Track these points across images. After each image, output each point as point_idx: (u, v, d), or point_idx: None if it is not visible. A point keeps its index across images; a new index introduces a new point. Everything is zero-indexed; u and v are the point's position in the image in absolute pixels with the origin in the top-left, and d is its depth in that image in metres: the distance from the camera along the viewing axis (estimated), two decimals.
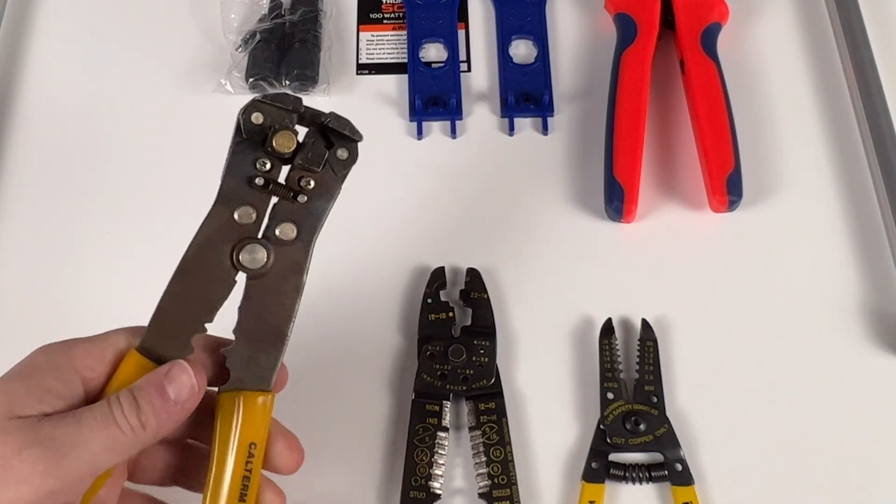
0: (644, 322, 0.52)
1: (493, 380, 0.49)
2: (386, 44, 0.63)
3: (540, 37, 0.62)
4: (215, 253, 0.39)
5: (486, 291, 0.52)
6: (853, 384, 0.51)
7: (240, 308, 0.39)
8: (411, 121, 0.59)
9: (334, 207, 0.41)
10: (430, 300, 0.52)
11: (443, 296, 0.52)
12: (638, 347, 0.51)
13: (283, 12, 0.62)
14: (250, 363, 0.39)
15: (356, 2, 0.64)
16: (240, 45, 0.61)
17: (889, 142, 0.56)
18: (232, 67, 0.60)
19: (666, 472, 0.48)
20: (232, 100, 0.60)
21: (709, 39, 0.58)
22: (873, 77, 0.58)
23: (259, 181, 0.39)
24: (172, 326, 0.38)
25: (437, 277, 0.53)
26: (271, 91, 0.59)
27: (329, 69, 0.61)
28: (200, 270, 0.39)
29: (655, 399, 0.49)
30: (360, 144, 0.41)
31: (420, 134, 0.59)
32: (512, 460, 0.47)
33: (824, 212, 0.56)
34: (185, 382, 0.36)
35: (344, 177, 0.41)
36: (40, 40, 0.63)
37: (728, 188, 0.54)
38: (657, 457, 0.48)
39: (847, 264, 0.54)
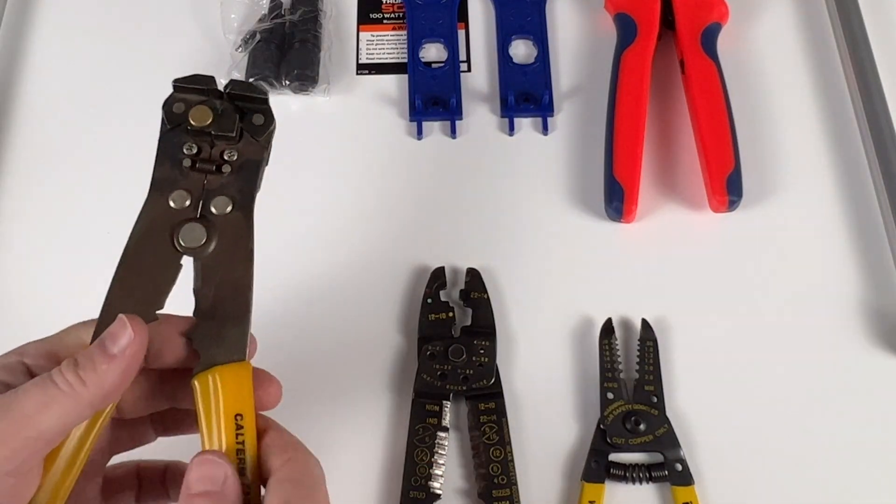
0: (644, 322, 0.52)
1: (492, 380, 0.49)
2: (386, 44, 0.63)
3: (540, 37, 0.62)
4: (156, 239, 0.39)
5: (486, 291, 0.52)
6: (853, 384, 0.51)
7: (195, 290, 0.39)
8: (411, 121, 0.59)
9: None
10: (430, 300, 0.52)
11: (443, 296, 0.52)
12: (638, 347, 0.51)
13: (283, 12, 0.62)
14: (218, 339, 0.38)
15: (356, 2, 0.64)
16: (240, 45, 0.60)
17: (889, 142, 0.56)
18: (232, 67, 0.60)
19: (666, 472, 0.48)
20: None
21: (709, 39, 0.58)
22: (873, 77, 0.58)
23: (187, 163, 0.40)
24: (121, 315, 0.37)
25: (437, 277, 0.53)
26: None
27: (329, 69, 0.61)
28: (143, 258, 0.39)
29: (655, 399, 0.49)
30: (278, 110, 0.42)
31: (420, 134, 0.59)
32: (512, 460, 0.47)
33: (824, 212, 0.56)
34: (119, 332, 0.35)
35: (267, 141, 0.42)
36: (40, 40, 0.63)
37: (728, 188, 0.54)
38: (657, 457, 0.48)
39: (847, 264, 0.54)
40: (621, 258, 0.55)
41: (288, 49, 0.60)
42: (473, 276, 0.53)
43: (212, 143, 0.41)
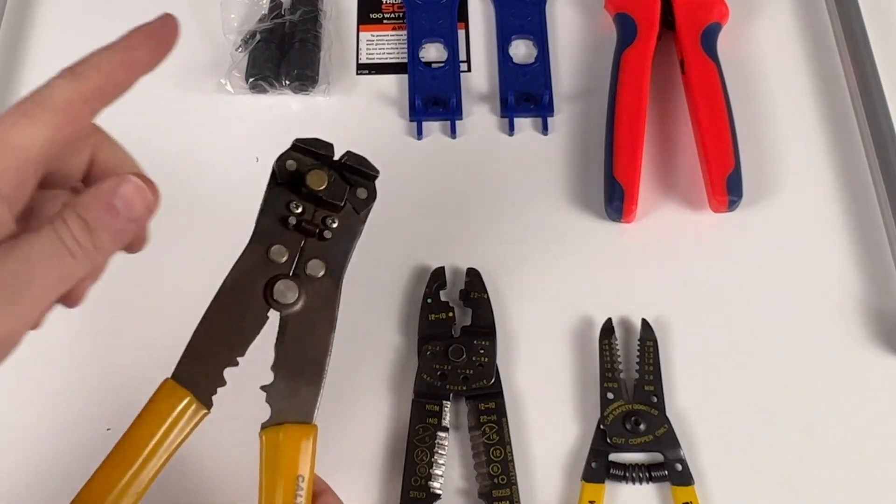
0: (644, 322, 0.52)
1: (493, 380, 0.49)
2: (386, 44, 0.63)
3: (540, 37, 0.62)
4: (249, 288, 0.40)
5: (486, 291, 0.52)
6: (853, 384, 0.51)
7: (276, 345, 0.40)
8: (411, 121, 0.59)
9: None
10: (429, 300, 0.52)
11: (443, 296, 0.52)
12: (638, 347, 0.51)
13: (283, 12, 0.62)
14: (291, 397, 0.40)
15: (356, 2, 0.64)
16: (240, 45, 0.60)
17: (889, 142, 0.56)
18: (232, 67, 0.60)
19: (666, 472, 0.48)
20: (232, 99, 0.60)
21: (709, 39, 0.58)
22: (873, 77, 0.58)
23: (291, 221, 0.41)
24: (206, 357, 0.38)
25: (437, 277, 0.53)
26: (276, 90, 0.59)
27: (329, 69, 0.61)
28: (235, 305, 0.40)
29: (655, 399, 0.49)
30: (368, 164, 0.43)
31: (420, 134, 0.59)
32: (512, 460, 0.47)
33: (824, 212, 0.56)
34: (136, 197, 0.33)
35: (365, 216, 0.43)
36: (40, 40, 0.63)
37: (728, 188, 0.54)
38: (657, 457, 0.48)
39: (847, 264, 0.54)
40: (621, 258, 0.55)
41: (288, 49, 0.60)
42: (473, 276, 0.53)
43: (315, 207, 0.42)
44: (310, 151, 0.43)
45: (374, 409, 0.50)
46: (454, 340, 0.50)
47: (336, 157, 0.43)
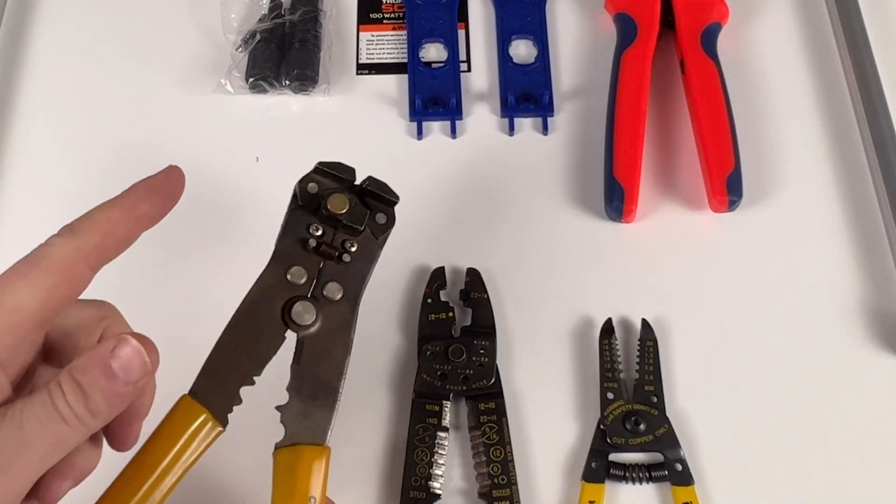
0: (644, 322, 0.52)
1: (492, 380, 0.49)
2: (386, 44, 0.63)
3: (540, 37, 0.62)
4: (267, 309, 0.40)
5: (485, 291, 0.52)
6: (853, 384, 0.51)
7: (292, 366, 0.41)
8: (411, 121, 0.59)
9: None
10: (429, 300, 0.52)
11: (443, 296, 0.52)
12: (638, 347, 0.51)
13: (283, 12, 0.62)
14: (304, 418, 0.40)
15: (356, 2, 0.64)
16: (240, 45, 0.60)
17: (889, 142, 0.56)
18: (232, 67, 0.60)
19: (666, 472, 0.48)
20: (232, 99, 0.60)
21: (709, 39, 0.58)
22: (873, 77, 0.58)
23: (311, 243, 0.42)
24: (223, 375, 0.38)
25: (437, 277, 0.53)
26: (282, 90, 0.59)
27: (329, 69, 0.61)
28: (253, 324, 0.40)
29: (655, 399, 0.49)
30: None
31: (420, 134, 0.59)
32: (512, 460, 0.47)
33: (824, 212, 0.56)
34: (134, 360, 0.32)
35: (383, 241, 0.44)
36: (40, 40, 0.63)
37: (728, 188, 0.54)
38: (657, 457, 0.48)
39: (847, 264, 0.54)
40: (621, 258, 0.55)
41: (288, 49, 0.60)
42: (473, 276, 0.53)
43: (335, 231, 0.43)
44: (331, 175, 0.43)
45: (374, 408, 0.50)
46: (454, 340, 0.50)
47: (357, 182, 0.43)
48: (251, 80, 0.59)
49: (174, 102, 0.60)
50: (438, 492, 0.47)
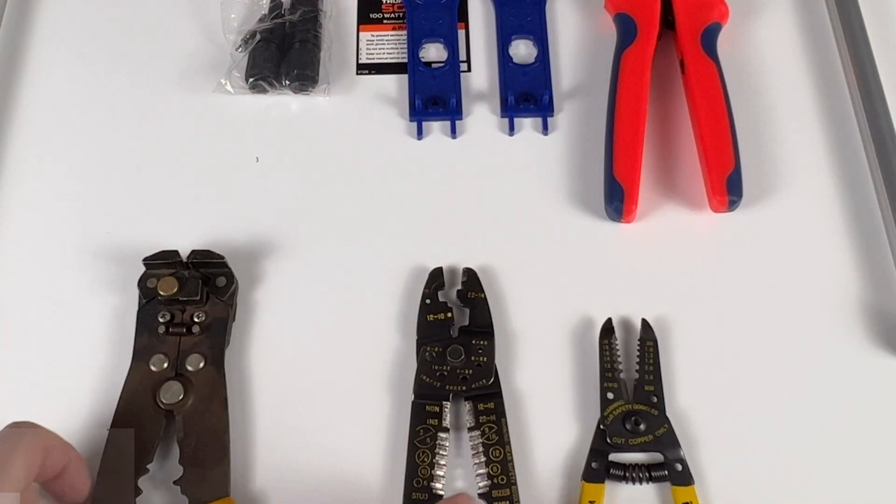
0: (644, 322, 0.52)
1: (491, 379, 0.49)
2: (386, 44, 0.63)
3: (540, 37, 0.62)
4: (141, 401, 0.45)
5: (482, 291, 0.52)
6: (853, 384, 0.51)
7: (178, 441, 0.45)
8: (411, 121, 0.59)
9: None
10: (428, 301, 0.52)
11: (441, 296, 0.52)
12: (638, 347, 0.51)
13: (283, 12, 0.62)
14: (202, 482, 0.44)
15: (356, 2, 0.64)
16: (240, 45, 0.60)
17: (889, 142, 0.55)
18: (232, 67, 0.60)
19: (666, 472, 0.48)
20: (232, 99, 0.60)
21: (709, 39, 0.58)
22: (873, 77, 0.58)
23: (161, 329, 0.47)
24: (117, 475, 0.42)
25: (436, 278, 0.53)
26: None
27: (329, 69, 0.61)
28: (133, 419, 0.44)
29: (655, 399, 0.49)
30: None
31: (420, 134, 0.59)
32: (511, 460, 0.47)
33: (824, 212, 0.56)
34: None
35: (231, 300, 0.49)
36: (40, 40, 0.63)
37: (728, 188, 0.54)
38: (657, 457, 0.48)
39: (847, 264, 0.54)
40: (621, 258, 0.55)
41: (288, 49, 0.60)
42: (470, 275, 0.53)
43: (182, 309, 0.48)
44: (160, 263, 0.48)
45: (374, 410, 0.50)
46: (453, 341, 0.50)
47: (183, 259, 0.48)
48: (251, 80, 0.59)
49: (174, 102, 0.60)
50: (441, 493, 0.47)
